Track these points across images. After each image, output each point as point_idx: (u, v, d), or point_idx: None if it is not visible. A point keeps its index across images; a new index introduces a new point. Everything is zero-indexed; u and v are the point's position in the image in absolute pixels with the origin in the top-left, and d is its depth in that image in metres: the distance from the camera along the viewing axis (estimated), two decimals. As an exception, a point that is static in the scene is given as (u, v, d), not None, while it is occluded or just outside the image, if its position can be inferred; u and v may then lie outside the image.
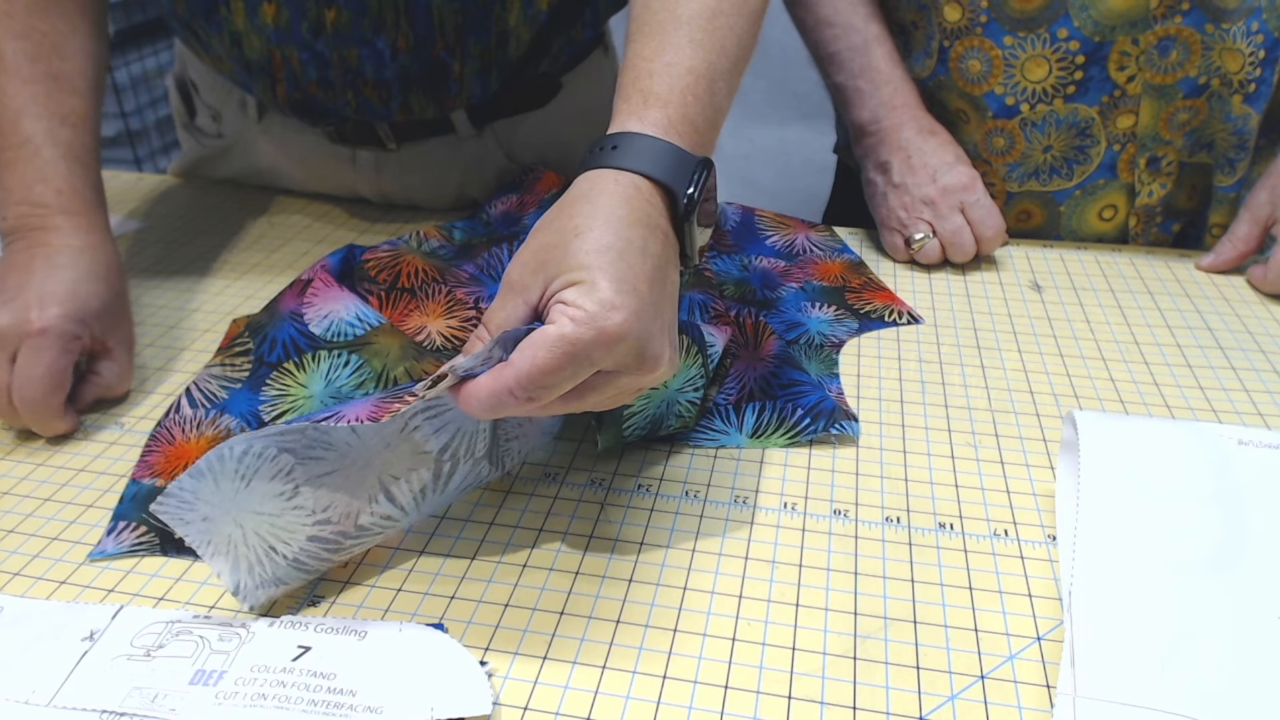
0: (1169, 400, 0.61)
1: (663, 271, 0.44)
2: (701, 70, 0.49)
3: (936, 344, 0.67)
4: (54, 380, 0.55)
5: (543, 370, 0.40)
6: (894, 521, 0.51)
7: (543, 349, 0.40)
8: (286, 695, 0.39)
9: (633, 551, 0.49)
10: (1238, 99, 0.75)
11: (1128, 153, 0.79)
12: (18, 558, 0.48)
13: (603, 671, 0.42)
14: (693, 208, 0.46)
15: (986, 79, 0.78)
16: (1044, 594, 0.46)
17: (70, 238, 0.59)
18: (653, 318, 0.42)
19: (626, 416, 0.52)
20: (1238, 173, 0.78)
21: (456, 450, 0.47)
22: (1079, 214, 0.83)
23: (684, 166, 0.46)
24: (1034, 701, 0.41)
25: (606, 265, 0.41)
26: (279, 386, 0.58)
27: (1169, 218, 0.83)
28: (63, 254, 0.59)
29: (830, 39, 0.81)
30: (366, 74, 0.71)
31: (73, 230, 0.60)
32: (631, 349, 0.41)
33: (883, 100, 0.79)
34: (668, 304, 0.44)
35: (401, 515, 0.47)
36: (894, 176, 0.78)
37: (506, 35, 0.72)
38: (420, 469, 0.46)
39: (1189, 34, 0.73)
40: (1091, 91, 0.77)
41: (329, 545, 0.45)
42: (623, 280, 0.41)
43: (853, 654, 0.43)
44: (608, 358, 0.41)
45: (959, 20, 0.77)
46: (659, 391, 0.53)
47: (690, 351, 0.54)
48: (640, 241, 0.43)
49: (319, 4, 0.67)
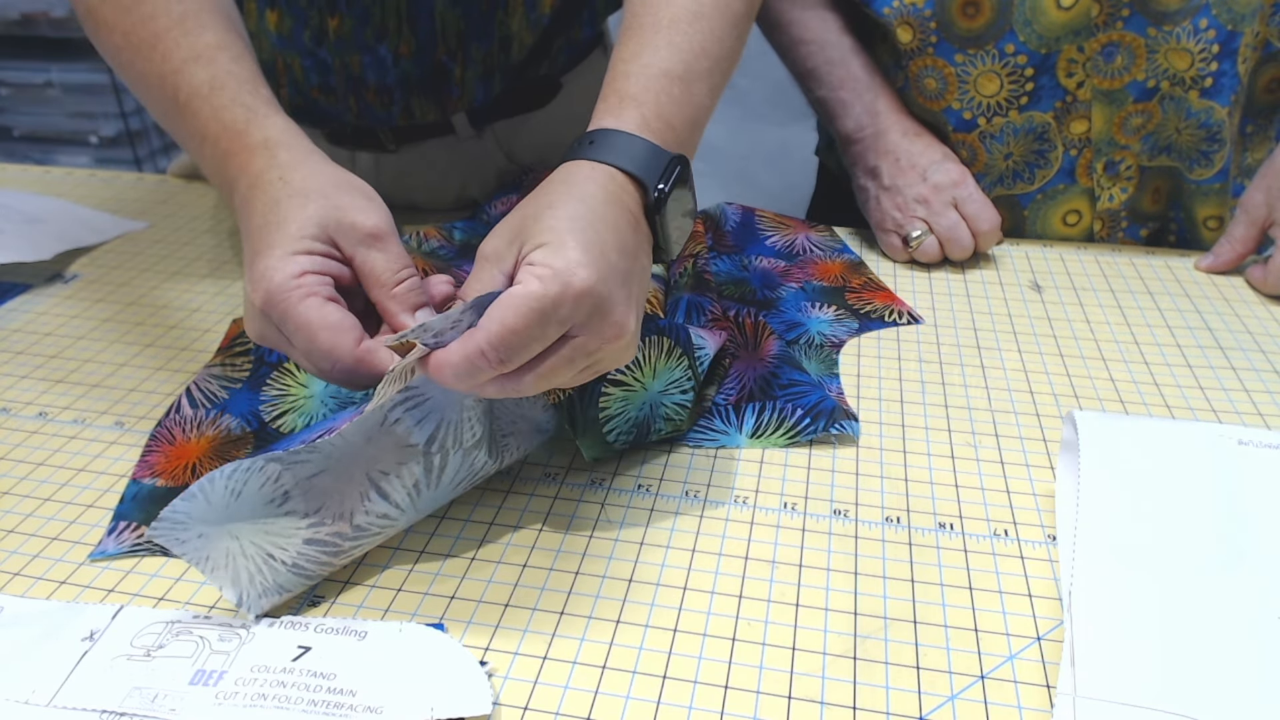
0: (1169, 400, 0.61)
1: (632, 251, 0.45)
2: (678, 72, 0.50)
3: (936, 344, 0.67)
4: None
5: (511, 329, 0.40)
6: (894, 521, 0.51)
7: (510, 308, 0.40)
8: (286, 695, 0.39)
9: (633, 551, 0.49)
10: (1194, 95, 0.76)
11: (1085, 158, 0.80)
12: (18, 558, 0.48)
13: (603, 671, 0.42)
14: (663, 200, 0.47)
15: (943, 95, 0.79)
16: (1044, 594, 0.46)
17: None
18: (619, 284, 0.43)
19: (605, 420, 0.52)
20: (1215, 164, 0.79)
21: (444, 441, 0.47)
22: (1043, 218, 0.84)
23: (657, 161, 0.48)
24: (1034, 701, 0.41)
25: (576, 230, 0.42)
26: (279, 386, 0.58)
27: (1135, 222, 0.84)
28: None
29: (807, 55, 0.83)
30: (368, 80, 0.71)
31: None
32: (597, 308, 0.42)
33: (865, 107, 0.81)
34: (635, 281, 0.45)
35: (398, 513, 0.47)
36: (884, 180, 0.79)
37: (509, 39, 0.72)
38: (410, 463, 0.46)
39: (1132, 39, 0.75)
40: (1044, 99, 0.78)
41: (327, 548, 0.45)
42: (590, 244, 0.42)
43: (853, 654, 0.43)
44: (574, 314, 0.41)
45: (911, 41, 0.78)
46: (638, 393, 0.53)
47: (674, 354, 0.54)
48: (611, 219, 0.44)
49: (322, 12, 0.67)
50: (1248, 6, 0.73)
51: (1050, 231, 0.84)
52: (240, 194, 0.48)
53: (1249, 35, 0.74)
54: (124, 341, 0.67)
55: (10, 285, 0.74)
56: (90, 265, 0.77)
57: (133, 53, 0.53)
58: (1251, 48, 0.75)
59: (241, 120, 0.49)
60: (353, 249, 0.46)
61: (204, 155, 0.51)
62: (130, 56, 0.53)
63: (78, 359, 0.65)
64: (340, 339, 0.44)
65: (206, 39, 0.51)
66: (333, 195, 0.46)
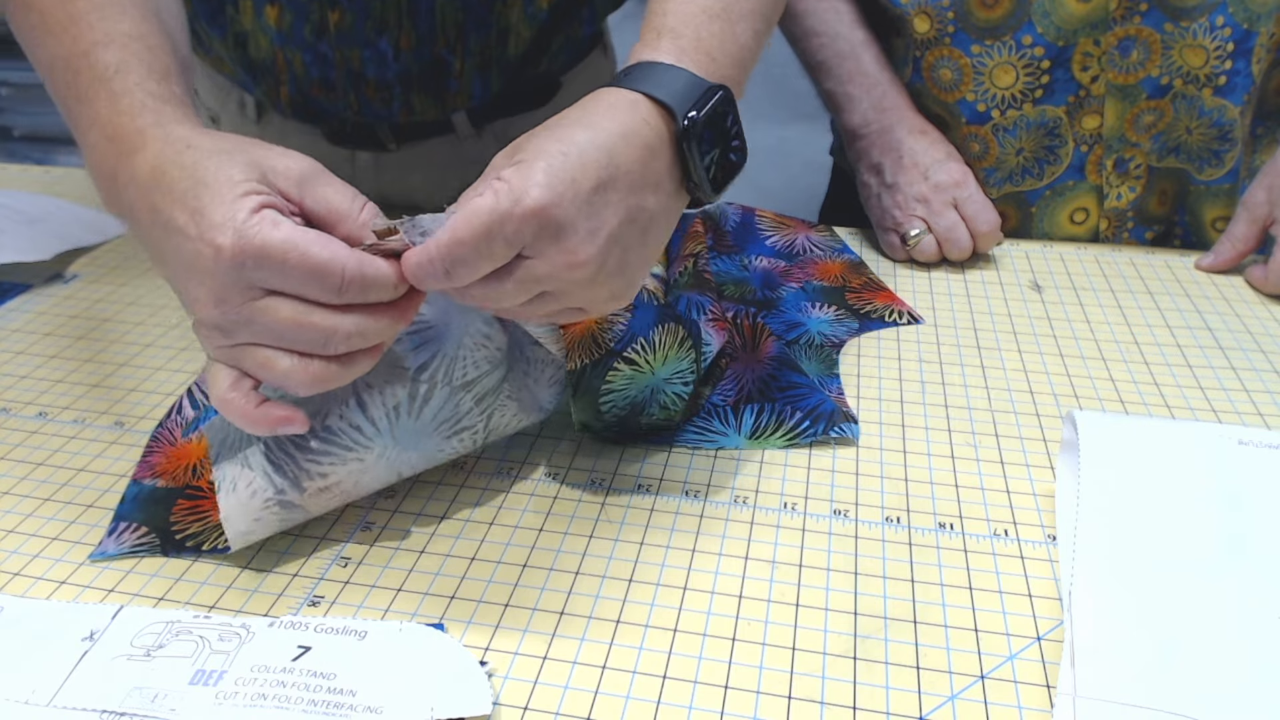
0: (1169, 400, 0.61)
1: (622, 185, 0.43)
2: (717, 10, 0.49)
3: (936, 344, 0.67)
4: None
5: (458, 240, 0.39)
6: (894, 521, 0.51)
7: (460, 219, 0.40)
8: (286, 695, 0.39)
9: (633, 551, 0.49)
10: (1208, 92, 0.76)
11: (1095, 154, 0.80)
12: (18, 558, 0.48)
13: (603, 671, 0.42)
14: (694, 129, 0.45)
15: (958, 87, 0.80)
16: (1044, 594, 0.46)
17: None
18: (584, 215, 0.41)
19: (603, 390, 0.52)
20: (1225, 164, 0.79)
21: (435, 373, 0.47)
22: (1050, 216, 0.84)
23: (691, 90, 0.45)
24: (1034, 701, 0.41)
25: (556, 155, 0.41)
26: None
27: (1141, 223, 0.84)
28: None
29: (818, 47, 0.83)
30: (368, 75, 0.71)
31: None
32: (545, 229, 0.40)
33: (873, 103, 0.81)
34: (613, 216, 0.43)
35: (373, 432, 0.47)
36: (887, 177, 0.79)
37: (507, 32, 0.72)
38: (396, 385, 0.46)
39: (1149, 34, 0.75)
40: (1058, 93, 0.78)
41: (300, 447, 0.46)
42: (561, 170, 0.41)
43: (853, 654, 0.43)
44: (521, 233, 0.40)
45: (928, 31, 0.78)
46: (645, 375, 0.53)
47: (685, 345, 0.54)
48: (611, 149, 0.43)
49: (322, 6, 0.67)
50: (1264, 6, 0.73)
51: (1057, 229, 0.84)
52: (140, 180, 0.42)
53: (1264, 35, 0.74)
54: (124, 341, 0.67)
55: (10, 285, 0.74)
56: (90, 265, 0.77)
57: (45, 33, 0.49)
58: (1266, 48, 0.75)
59: (138, 105, 0.44)
60: (298, 192, 0.42)
61: (91, 142, 0.45)
62: (42, 37, 0.49)
63: (78, 359, 0.65)
64: (336, 246, 0.40)
65: (123, 26, 0.47)
66: (250, 149, 0.42)
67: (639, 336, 0.52)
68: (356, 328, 0.41)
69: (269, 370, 0.41)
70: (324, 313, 0.40)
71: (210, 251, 0.39)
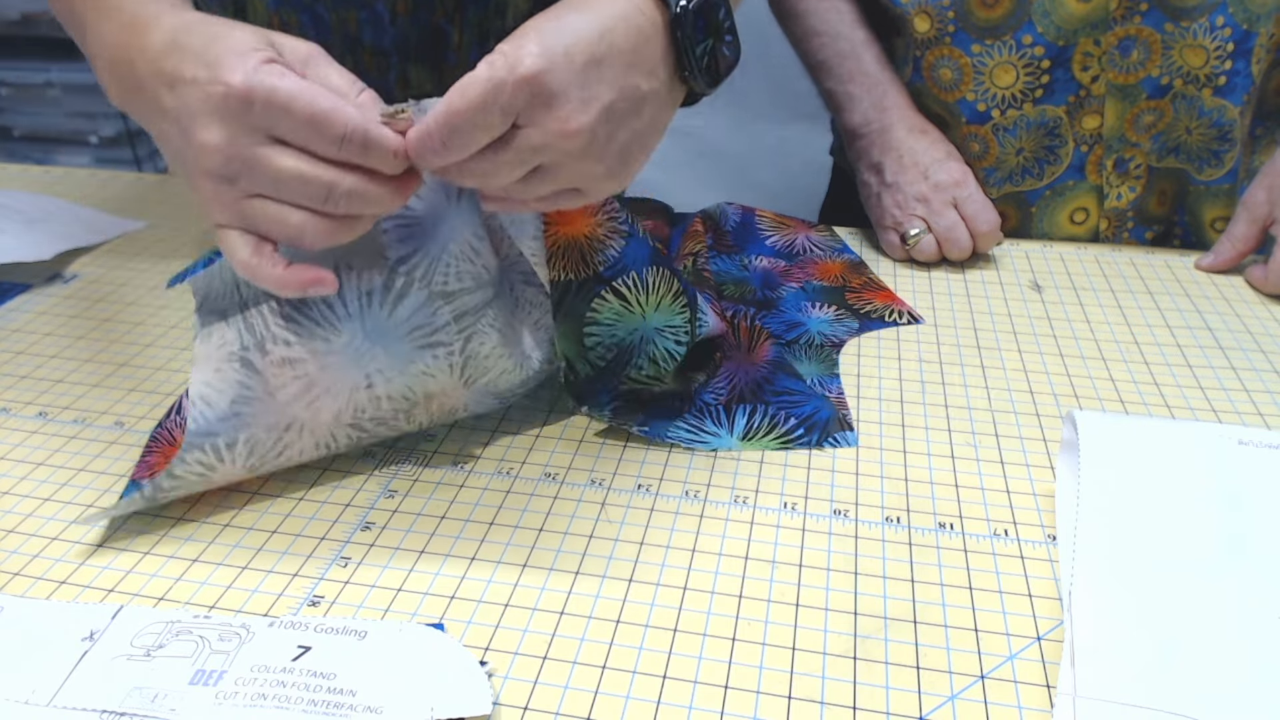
0: (1169, 400, 0.61)
1: (616, 63, 0.44)
2: None
3: (936, 344, 0.67)
4: None
5: (454, 110, 0.40)
6: (894, 521, 0.51)
7: (456, 89, 0.41)
8: (286, 695, 0.39)
9: (633, 551, 0.49)
10: (1207, 93, 0.76)
11: (1095, 154, 0.80)
12: (18, 558, 0.48)
13: (603, 671, 0.42)
14: (685, 16, 0.46)
15: (958, 86, 0.80)
16: (1044, 594, 0.46)
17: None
18: (576, 84, 0.42)
19: (590, 322, 0.52)
20: (1225, 164, 0.79)
21: (414, 269, 0.47)
22: (1050, 215, 0.84)
23: None
24: (1034, 701, 0.41)
25: (549, 29, 0.42)
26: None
27: (1141, 223, 0.84)
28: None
29: (819, 47, 0.83)
30: (365, 40, 0.70)
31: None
32: (538, 96, 0.41)
33: (873, 103, 0.81)
34: (607, 91, 0.44)
35: (344, 314, 0.47)
36: (887, 176, 0.79)
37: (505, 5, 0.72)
38: (373, 270, 0.47)
39: (1149, 33, 0.75)
40: (1058, 93, 0.78)
41: (273, 311, 0.47)
42: (554, 43, 0.42)
43: (853, 654, 0.43)
44: (515, 100, 0.41)
45: (928, 30, 0.78)
46: (634, 315, 0.52)
47: (679, 300, 0.53)
48: (602, 25, 0.44)
49: None
50: (1264, 7, 0.73)
51: (1057, 229, 0.84)
52: (151, 53, 0.44)
53: (1264, 36, 0.74)
54: (124, 341, 0.67)
55: (10, 285, 0.74)
56: (90, 265, 0.77)
57: None
58: (1266, 49, 0.75)
59: (154, 5, 0.46)
60: (302, 69, 0.43)
61: (106, 38, 0.47)
62: None
63: (78, 359, 0.65)
64: (341, 101, 0.42)
65: None
66: (259, 30, 0.44)
67: (630, 269, 0.51)
68: (356, 186, 0.42)
69: (282, 225, 0.43)
70: (325, 166, 0.42)
71: (221, 89, 0.41)
